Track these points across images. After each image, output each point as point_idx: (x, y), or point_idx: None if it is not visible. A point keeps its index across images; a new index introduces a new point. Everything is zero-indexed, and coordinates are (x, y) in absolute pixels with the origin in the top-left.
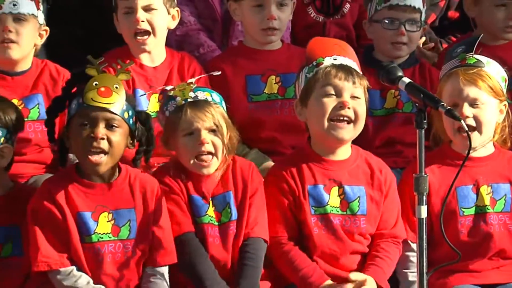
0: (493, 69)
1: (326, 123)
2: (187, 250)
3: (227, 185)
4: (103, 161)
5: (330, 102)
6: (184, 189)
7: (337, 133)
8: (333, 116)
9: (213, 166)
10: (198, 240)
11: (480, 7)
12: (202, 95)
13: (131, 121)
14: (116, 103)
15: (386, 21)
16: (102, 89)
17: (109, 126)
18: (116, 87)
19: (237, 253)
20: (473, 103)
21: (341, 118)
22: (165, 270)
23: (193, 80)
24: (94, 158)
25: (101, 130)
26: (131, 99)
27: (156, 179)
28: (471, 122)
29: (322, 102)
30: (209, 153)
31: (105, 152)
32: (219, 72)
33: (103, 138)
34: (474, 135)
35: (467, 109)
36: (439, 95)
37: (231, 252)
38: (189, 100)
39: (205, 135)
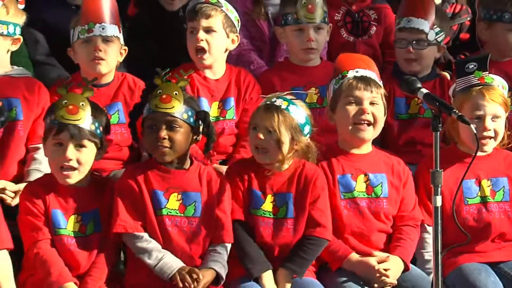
0: (503, 86)
1: (350, 127)
2: (235, 234)
3: (290, 187)
4: (166, 151)
5: (353, 110)
6: (247, 183)
7: (359, 134)
8: (355, 120)
9: (265, 158)
10: (247, 227)
11: (492, 31)
12: (279, 102)
13: (191, 120)
14: (176, 107)
15: (397, 41)
16: (164, 96)
17: (170, 127)
18: (176, 94)
19: (290, 243)
20: (493, 117)
21: (362, 122)
22: (227, 246)
23: (285, 93)
24: (160, 150)
25: (163, 132)
26: (191, 101)
27: (226, 172)
28: (491, 133)
29: (346, 109)
30: (261, 147)
31: (168, 147)
32: (310, 91)
33: (164, 138)
34: (491, 142)
35: (489, 123)
36: (460, 107)
37: (283, 241)
38: (267, 103)
39: (261, 133)
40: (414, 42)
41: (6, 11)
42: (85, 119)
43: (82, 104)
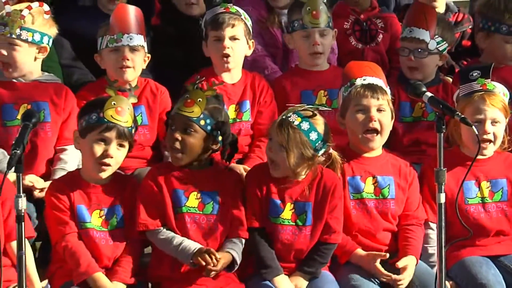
0: (504, 93)
1: (359, 136)
2: (251, 240)
3: (309, 196)
4: (179, 156)
5: (361, 118)
6: (265, 192)
7: (368, 143)
8: (363, 128)
9: (276, 174)
10: (262, 233)
11: (491, 41)
12: (293, 117)
13: (208, 128)
14: (195, 112)
15: (400, 49)
16: (189, 100)
17: (186, 130)
18: (200, 100)
19: (306, 248)
20: (493, 122)
21: (370, 130)
22: (243, 240)
23: (307, 106)
24: (174, 154)
25: (177, 133)
26: (214, 110)
27: (246, 177)
28: (491, 137)
29: (355, 117)
30: (272, 161)
31: (179, 151)
32: (330, 108)
33: (177, 140)
34: (491, 146)
35: (489, 127)
36: (462, 111)
37: (300, 247)
38: (283, 117)
39: (273, 146)
40: (415, 51)
41: (32, 20)
42: (130, 122)
43: (129, 108)
